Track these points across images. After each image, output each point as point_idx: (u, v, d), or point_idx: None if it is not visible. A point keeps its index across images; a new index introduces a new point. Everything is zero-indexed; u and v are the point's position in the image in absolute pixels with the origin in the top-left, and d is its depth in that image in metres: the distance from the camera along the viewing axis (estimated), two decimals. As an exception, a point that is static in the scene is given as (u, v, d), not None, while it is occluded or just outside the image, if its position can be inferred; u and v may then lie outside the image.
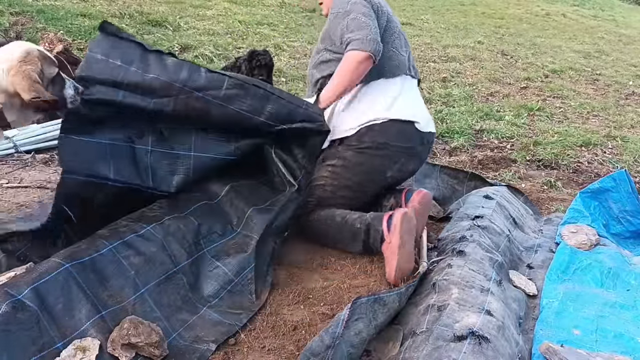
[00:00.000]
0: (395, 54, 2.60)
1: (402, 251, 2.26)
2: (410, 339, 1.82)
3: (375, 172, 2.57)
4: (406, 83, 2.63)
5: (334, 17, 2.54)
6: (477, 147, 4.19)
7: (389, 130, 2.52)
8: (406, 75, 2.63)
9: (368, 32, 2.42)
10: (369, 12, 2.49)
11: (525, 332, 2.06)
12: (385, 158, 2.55)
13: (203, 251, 2.17)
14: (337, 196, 2.57)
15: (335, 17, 2.53)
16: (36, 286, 1.68)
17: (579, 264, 2.51)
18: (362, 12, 2.47)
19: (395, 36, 2.62)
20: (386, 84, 2.56)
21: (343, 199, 2.57)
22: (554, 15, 12.44)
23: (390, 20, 2.60)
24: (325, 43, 2.65)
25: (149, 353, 1.72)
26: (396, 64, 2.59)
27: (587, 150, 4.32)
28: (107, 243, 1.92)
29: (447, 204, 3.12)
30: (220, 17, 7.50)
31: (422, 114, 2.65)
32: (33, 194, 2.68)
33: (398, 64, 2.60)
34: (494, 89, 5.99)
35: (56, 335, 1.65)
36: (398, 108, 2.54)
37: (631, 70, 7.84)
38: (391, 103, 2.54)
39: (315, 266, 2.44)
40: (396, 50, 2.61)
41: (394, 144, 2.54)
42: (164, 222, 2.09)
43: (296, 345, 1.91)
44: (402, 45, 2.67)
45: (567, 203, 3.13)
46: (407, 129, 2.56)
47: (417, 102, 2.68)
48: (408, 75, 2.66)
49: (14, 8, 5.99)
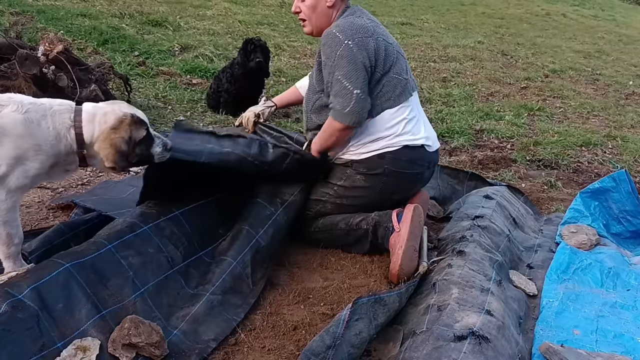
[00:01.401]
0: (399, 80, 2.47)
1: (409, 243, 2.26)
2: (410, 339, 1.82)
3: (382, 195, 2.54)
4: (412, 102, 2.55)
5: (323, 64, 2.42)
6: (477, 147, 4.19)
7: (401, 159, 2.47)
8: (411, 95, 2.53)
9: (348, 102, 2.33)
10: (353, 70, 2.33)
11: (525, 332, 2.06)
12: (393, 184, 2.52)
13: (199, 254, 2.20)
14: (336, 211, 2.56)
15: (325, 66, 2.41)
16: (36, 286, 1.68)
17: (579, 264, 2.51)
18: (346, 73, 2.33)
19: (394, 61, 2.47)
20: (394, 112, 2.47)
21: (342, 213, 2.55)
22: (554, 15, 12.45)
23: (388, 49, 2.45)
24: (320, 85, 2.51)
25: (150, 353, 1.72)
26: (400, 91, 2.48)
27: (587, 150, 4.32)
28: (106, 243, 1.92)
29: (447, 204, 3.12)
30: (220, 17, 7.51)
31: (430, 132, 2.61)
32: (33, 194, 2.68)
33: (402, 90, 2.49)
34: (494, 88, 5.99)
35: (56, 335, 1.65)
36: (409, 131, 2.48)
37: (631, 70, 7.84)
38: (402, 128, 2.47)
39: (315, 266, 2.44)
40: (399, 75, 2.49)
41: (404, 171, 2.50)
42: (159, 223, 2.11)
43: (296, 345, 1.91)
44: (403, 66, 2.54)
45: (567, 203, 3.13)
46: (417, 155, 2.51)
47: (423, 119, 2.61)
48: (412, 95, 2.55)
49: (14, 8, 6.00)
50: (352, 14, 2.48)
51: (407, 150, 2.48)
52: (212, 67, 5.24)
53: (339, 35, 2.36)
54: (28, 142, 1.79)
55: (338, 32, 2.37)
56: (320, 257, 2.51)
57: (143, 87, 4.58)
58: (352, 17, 2.45)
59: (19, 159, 1.78)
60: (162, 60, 5.31)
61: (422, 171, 2.58)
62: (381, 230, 2.42)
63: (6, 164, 1.76)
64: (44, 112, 1.84)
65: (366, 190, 2.52)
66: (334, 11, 2.50)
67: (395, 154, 2.47)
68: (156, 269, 1.99)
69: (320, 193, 2.56)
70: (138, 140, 1.94)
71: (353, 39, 2.34)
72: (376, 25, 2.50)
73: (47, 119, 1.84)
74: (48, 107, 1.86)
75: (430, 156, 2.58)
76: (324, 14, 2.50)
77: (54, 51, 3.64)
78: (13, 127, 1.77)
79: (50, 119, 1.84)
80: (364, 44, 2.36)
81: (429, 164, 2.60)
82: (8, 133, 1.76)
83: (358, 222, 2.48)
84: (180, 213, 2.21)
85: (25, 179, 1.81)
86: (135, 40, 5.66)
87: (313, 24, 2.54)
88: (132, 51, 5.39)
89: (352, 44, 2.33)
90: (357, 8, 2.55)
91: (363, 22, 2.43)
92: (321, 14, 2.50)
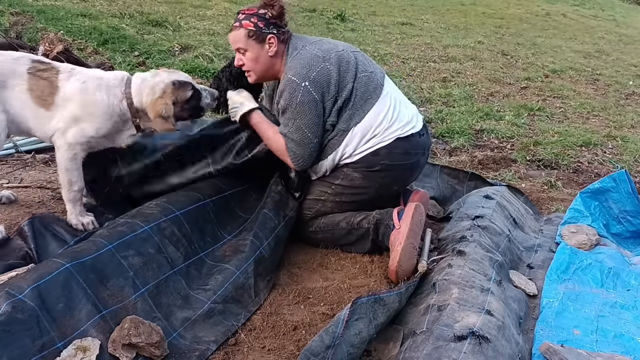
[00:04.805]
0: (368, 76, 2.48)
1: (408, 241, 2.27)
2: (410, 339, 1.82)
3: (381, 189, 2.55)
4: (387, 88, 2.54)
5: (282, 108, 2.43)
6: (477, 147, 4.19)
7: (395, 152, 2.48)
8: (383, 84, 2.53)
9: (305, 151, 2.41)
10: (314, 117, 2.39)
11: (525, 332, 2.06)
12: (392, 177, 2.53)
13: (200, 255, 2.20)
14: (336, 210, 2.56)
15: (286, 110, 2.42)
16: (37, 286, 1.68)
17: (579, 264, 2.51)
18: (307, 121, 2.38)
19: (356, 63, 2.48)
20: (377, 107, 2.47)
21: (342, 210, 2.56)
22: (554, 15, 12.45)
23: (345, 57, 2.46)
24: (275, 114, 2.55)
25: (150, 353, 1.72)
26: (374, 85, 2.49)
27: (587, 150, 4.32)
28: (106, 243, 1.93)
29: (447, 204, 3.12)
30: (220, 17, 7.50)
31: (411, 110, 2.60)
32: (33, 194, 2.68)
33: (375, 84, 2.49)
34: (494, 89, 5.99)
35: (56, 335, 1.65)
36: (396, 118, 2.49)
37: (631, 70, 7.84)
38: (390, 118, 2.47)
39: (315, 266, 2.44)
40: (365, 71, 2.48)
41: (401, 162, 2.51)
42: (160, 224, 2.11)
43: (296, 345, 1.91)
44: (363, 60, 2.53)
45: (567, 203, 3.13)
46: (411, 145, 2.52)
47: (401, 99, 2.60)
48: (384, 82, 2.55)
49: (14, 8, 6.00)
50: (295, 50, 2.46)
51: (400, 142, 2.49)
52: (212, 67, 5.23)
53: (295, 79, 2.37)
54: (82, 107, 2.18)
55: (292, 75, 2.38)
56: (320, 257, 2.51)
57: (143, 87, 4.57)
58: (298, 53, 2.45)
59: (75, 119, 2.18)
60: (162, 60, 5.31)
61: (418, 159, 2.59)
62: (382, 228, 2.43)
63: (64, 121, 2.17)
64: (99, 84, 2.22)
65: (365, 187, 2.52)
66: (278, 58, 2.49)
67: (389, 148, 2.48)
68: (156, 269, 1.99)
69: (318, 192, 2.56)
70: (186, 99, 2.27)
71: (309, 78, 2.37)
72: (320, 43, 2.50)
73: (102, 91, 2.21)
74: (104, 80, 2.24)
75: (423, 142, 2.59)
76: (266, 64, 2.49)
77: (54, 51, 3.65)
78: (72, 93, 2.18)
79: (104, 91, 2.21)
80: (322, 77, 2.39)
81: (424, 150, 2.62)
82: (69, 97, 2.18)
83: (359, 220, 2.49)
84: (181, 213, 2.21)
85: (82, 137, 2.19)
86: (135, 40, 5.65)
87: (258, 74, 2.54)
88: (132, 51, 5.39)
89: (309, 85, 2.36)
90: (297, 38, 2.53)
91: (309, 52, 2.43)
92: (264, 64, 2.49)
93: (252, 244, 2.27)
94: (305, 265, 2.44)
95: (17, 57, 2.22)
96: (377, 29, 8.48)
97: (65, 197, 2.25)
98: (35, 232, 2.07)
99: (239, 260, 2.20)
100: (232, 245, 2.28)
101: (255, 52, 2.46)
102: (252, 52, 2.46)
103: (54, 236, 2.13)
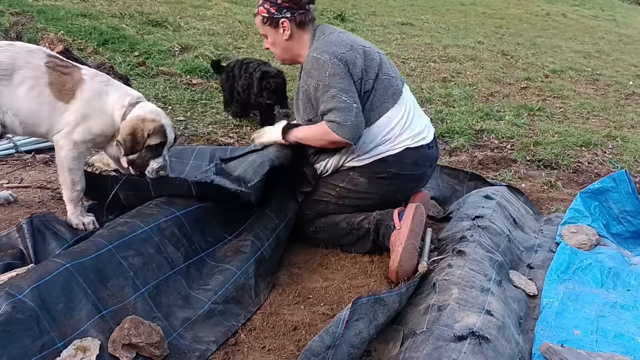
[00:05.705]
0: (389, 80, 2.49)
1: (409, 241, 2.27)
2: (410, 339, 1.82)
3: (386, 196, 2.54)
4: (405, 96, 2.54)
5: (314, 89, 2.39)
6: (477, 147, 4.19)
7: (404, 161, 2.48)
8: (402, 92, 2.53)
9: (349, 115, 2.30)
10: (349, 85, 2.34)
11: (525, 332, 2.06)
12: (397, 185, 2.53)
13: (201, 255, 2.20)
14: (337, 212, 2.56)
15: (316, 90, 2.37)
16: (37, 286, 1.68)
17: (579, 264, 2.51)
18: (342, 87, 2.32)
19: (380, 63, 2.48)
20: (391, 113, 2.46)
21: (344, 213, 2.56)
22: (554, 15, 12.45)
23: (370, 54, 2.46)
24: (311, 113, 2.48)
25: (150, 353, 1.72)
26: (393, 90, 2.48)
27: (587, 150, 4.32)
28: (106, 243, 1.93)
29: (447, 204, 3.12)
30: (220, 17, 7.50)
31: (424, 120, 2.60)
32: (33, 194, 2.68)
33: (395, 89, 2.49)
34: (494, 89, 5.99)
35: (56, 335, 1.65)
36: (408, 127, 2.48)
37: (631, 70, 7.84)
38: (402, 126, 2.47)
39: (315, 266, 2.44)
40: (387, 75, 2.49)
41: (408, 172, 2.51)
42: (160, 224, 2.11)
43: (296, 345, 1.91)
44: (387, 64, 2.54)
45: (567, 203, 3.13)
46: (420, 155, 2.52)
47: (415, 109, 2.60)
48: (403, 89, 2.55)
49: (15, 8, 6.00)
50: (322, 34, 2.48)
51: (409, 152, 2.48)
52: (212, 67, 5.24)
53: (323, 56, 2.37)
54: (90, 106, 2.25)
55: (319, 54, 2.38)
56: (320, 257, 2.51)
57: (143, 87, 4.57)
58: (325, 37, 2.46)
59: (84, 116, 2.24)
60: (162, 60, 5.31)
61: (425, 170, 2.60)
62: (383, 229, 2.43)
63: (74, 117, 2.23)
64: (110, 88, 2.31)
65: (369, 192, 2.52)
66: (293, 41, 2.50)
67: (397, 157, 2.47)
68: (156, 270, 1.99)
69: (321, 193, 2.56)
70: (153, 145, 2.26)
71: (337, 55, 2.36)
72: (348, 35, 2.52)
73: (109, 95, 2.29)
74: (117, 87, 2.34)
75: (432, 154, 2.60)
76: (284, 47, 2.53)
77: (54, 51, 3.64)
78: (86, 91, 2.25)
79: (111, 96, 2.29)
80: (349, 58, 2.38)
81: (431, 162, 2.63)
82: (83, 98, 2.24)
83: (360, 221, 2.49)
84: (181, 214, 2.21)
85: (88, 135, 2.25)
86: (135, 41, 5.65)
87: (280, 57, 2.61)
88: (132, 51, 5.39)
89: (337, 61, 2.35)
90: (325, 26, 2.55)
91: (338, 38, 2.44)
92: (282, 48, 2.54)
93: (253, 245, 2.27)
94: (305, 265, 2.45)
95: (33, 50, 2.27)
96: (377, 29, 8.48)
97: (66, 197, 2.26)
98: (34, 231, 2.06)
99: (239, 261, 2.20)
100: (232, 246, 2.29)
101: (272, 36, 2.54)
102: (271, 37, 2.55)
103: (54, 235, 2.12)
